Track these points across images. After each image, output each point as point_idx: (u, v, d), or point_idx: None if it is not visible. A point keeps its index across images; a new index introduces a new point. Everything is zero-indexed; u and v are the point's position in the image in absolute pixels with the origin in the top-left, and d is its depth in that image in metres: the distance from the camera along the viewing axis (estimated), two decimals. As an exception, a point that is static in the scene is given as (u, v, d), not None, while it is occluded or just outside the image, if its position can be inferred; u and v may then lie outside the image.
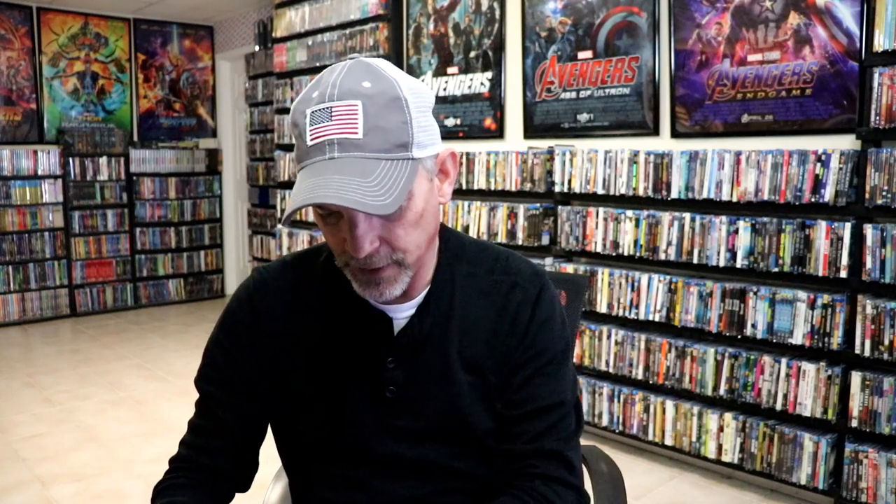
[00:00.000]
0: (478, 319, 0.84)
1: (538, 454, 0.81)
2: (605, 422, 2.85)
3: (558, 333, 0.86)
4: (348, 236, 0.72)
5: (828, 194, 2.24)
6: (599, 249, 2.84)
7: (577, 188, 2.90)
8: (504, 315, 0.84)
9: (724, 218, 2.48)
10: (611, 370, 2.81)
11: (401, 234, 0.73)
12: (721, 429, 2.52)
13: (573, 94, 3.01)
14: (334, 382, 0.84)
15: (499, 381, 0.84)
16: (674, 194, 2.61)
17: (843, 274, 2.22)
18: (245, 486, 0.92)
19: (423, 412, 0.83)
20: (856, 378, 2.19)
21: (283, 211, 4.65)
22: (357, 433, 0.83)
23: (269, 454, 0.99)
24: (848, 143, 2.26)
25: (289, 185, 4.55)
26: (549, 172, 3.00)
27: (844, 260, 2.21)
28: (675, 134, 2.70)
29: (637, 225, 2.72)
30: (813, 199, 2.27)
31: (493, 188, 3.23)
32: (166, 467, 0.91)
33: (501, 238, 3.17)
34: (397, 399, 0.82)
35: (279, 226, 4.67)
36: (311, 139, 0.70)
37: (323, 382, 0.84)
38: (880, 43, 2.14)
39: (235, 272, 6.35)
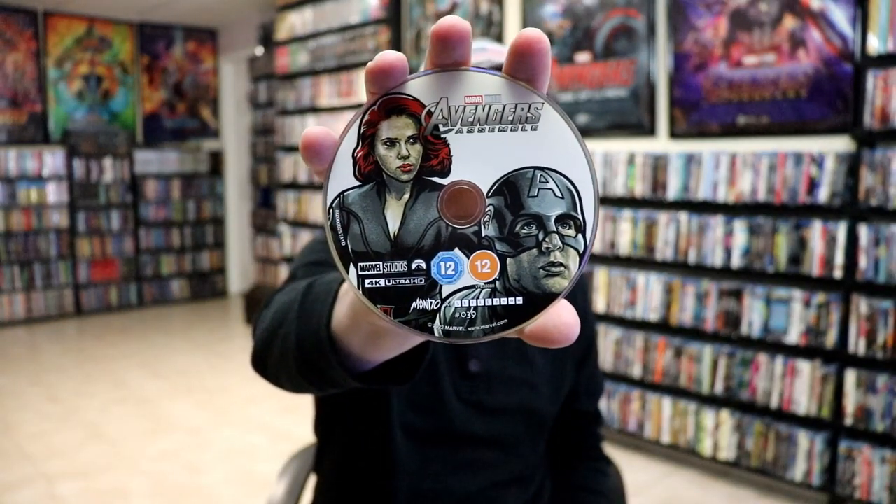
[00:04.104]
0: None
1: (598, 435, 1.04)
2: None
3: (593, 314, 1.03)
4: None
5: (823, 195, 2.27)
6: (597, 250, 2.87)
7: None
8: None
9: (720, 218, 2.51)
10: (608, 369, 2.84)
11: None
12: (717, 426, 2.55)
13: (571, 96, 3.04)
14: None
15: (563, 364, 0.93)
16: (670, 195, 2.64)
17: (838, 274, 2.24)
18: None
19: (501, 390, 0.88)
20: (850, 376, 2.22)
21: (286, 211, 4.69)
22: (439, 406, 0.85)
23: (275, 451, 1.01)
24: (842, 144, 2.29)
25: (291, 185, 4.59)
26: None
27: (839, 260, 2.24)
28: (673, 135, 2.73)
29: (634, 225, 2.75)
30: (808, 200, 2.30)
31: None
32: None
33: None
34: (479, 374, 0.87)
35: (281, 225, 4.71)
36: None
37: None
38: (874, 46, 2.17)
39: (239, 272, 6.39)
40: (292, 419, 3.22)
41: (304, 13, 4.32)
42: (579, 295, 0.98)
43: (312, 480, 1.03)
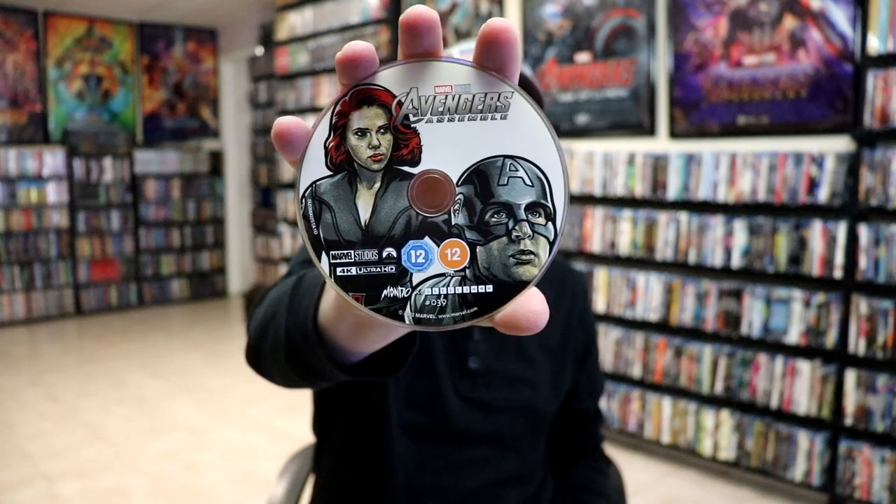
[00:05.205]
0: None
1: (598, 435, 1.04)
2: (603, 420, 2.88)
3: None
4: None
5: (823, 195, 2.27)
6: (597, 250, 2.87)
7: (575, 189, 2.94)
8: (563, 297, 0.94)
9: (720, 218, 2.51)
10: (608, 369, 2.84)
11: None
12: (717, 426, 2.55)
13: (571, 96, 3.04)
14: (420, 349, 0.85)
15: (563, 362, 0.93)
16: (671, 195, 2.64)
17: (838, 274, 2.24)
18: None
19: (501, 387, 0.88)
20: (850, 376, 2.22)
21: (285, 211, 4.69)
22: (438, 403, 0.85)
23: (275, 451, 1.01)
24: (842, 144, 2.29)
25: (291, 185, 4.59)
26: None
27: (839, 260, 2.24)
28: (673, 135, 2.73)
29: (634, 225, 2.75)
30: (808, 200, 2.30)
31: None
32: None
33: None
34: (478, 371, 0.87)
35: (281, 225, 4.71)
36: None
37: None
38: (874, 46, 2.17)
39: (238, 272, 6.39)
40: (292, 419, 3.22)
41: (304, 13, 4.32)
42: (580, 294, 0.98)
43: (312, 480, 1.03)
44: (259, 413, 3.32)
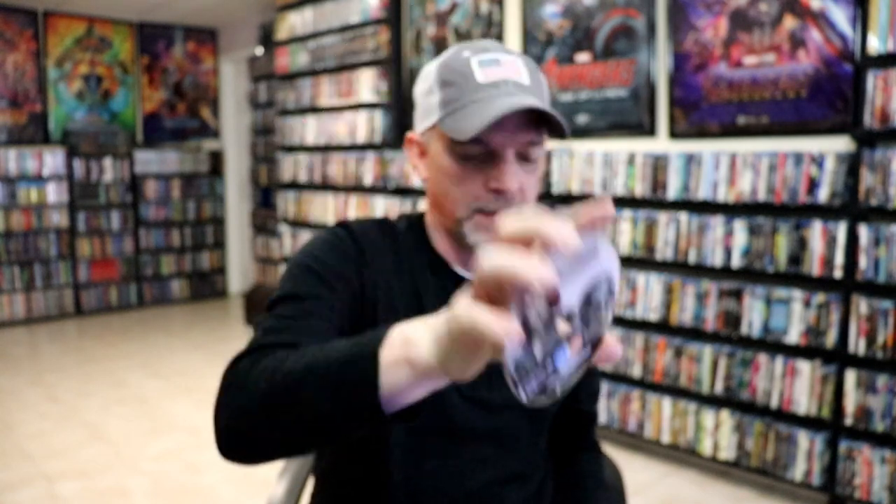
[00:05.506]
0: None
1: (594, 434, 1.05)
2: (602, 419, 2.88)
3: None
4: (497, 173, 0.79)
5: (823, 195, 2.27)
6: (598, 249, 2.86)
7: (575, 189, 2.94)
8: None
9: (720, 218, 2.51)
10: (608, 368, 2.84)
11: (532, 184, 0.83)
12: (717, 426, 2.55)
13: (571, 96, 3.04)
14: None
15: None
16: (671, 195, 2.64)
17: (838, 274, 2.24)
18: None
19: (502, 385, 0.87)
20: (850, 376, 2.22)
21: (285, 213, 4.69)
22: (439, 402, 0.84)
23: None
24: (842, 144, 2.29)
25: (291, 185, 4.59)
26: (548, 173, 3.03)
27: (839, 260, 2.24)
28: (673, 135, 2.72)
29: (634, 225, 2.75)
30: (808, 200, 2.30)
31: (492, 189, 3.26)
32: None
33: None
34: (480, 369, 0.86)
35: (281, 225, 4.71)
36: (485, 78, 0.78)
37: None
38: (874, 46, 2.16)
39: (238, 272, 6.39)
40: (292, 419, 3.22)
41: (304, 13, 4.32)
42: None
43: (312, 480, 1.03)
44: (259, 413, 3.32)
